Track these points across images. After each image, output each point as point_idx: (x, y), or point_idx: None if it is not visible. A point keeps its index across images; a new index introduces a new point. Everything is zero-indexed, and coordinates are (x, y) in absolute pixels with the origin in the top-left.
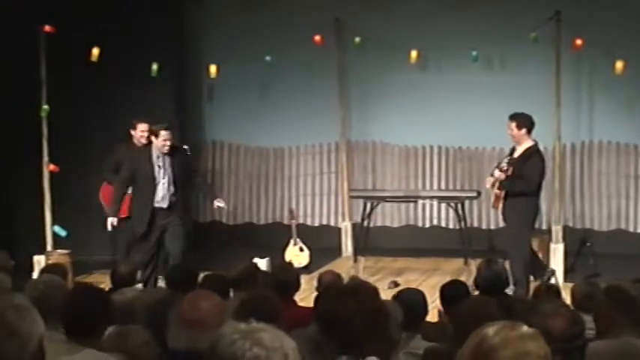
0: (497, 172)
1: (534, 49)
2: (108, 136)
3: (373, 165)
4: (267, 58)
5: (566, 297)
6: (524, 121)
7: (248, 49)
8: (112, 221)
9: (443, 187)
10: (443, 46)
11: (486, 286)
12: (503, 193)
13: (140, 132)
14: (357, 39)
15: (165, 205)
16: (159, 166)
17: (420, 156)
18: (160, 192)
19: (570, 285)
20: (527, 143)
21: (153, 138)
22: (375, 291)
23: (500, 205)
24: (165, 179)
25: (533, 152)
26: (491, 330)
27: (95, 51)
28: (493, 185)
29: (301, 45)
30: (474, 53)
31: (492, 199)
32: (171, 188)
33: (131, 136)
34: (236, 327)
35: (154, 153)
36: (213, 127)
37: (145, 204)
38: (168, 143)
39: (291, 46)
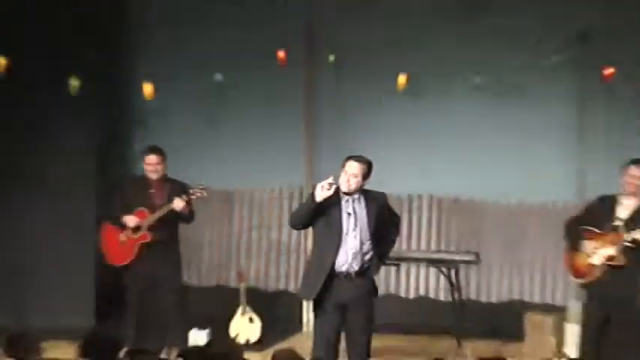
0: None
1: (553, 76)
2: (9, 171)
3: None
4: (218, 76)
5: None
6: None
7: (194, 65)
8: None
9: (433, 247)
10: (439, 70)
11: None
12: (625, 261)
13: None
14: (332, 57)
15: None
16: None
17: (406, 207)
18: None
19: None
20: None
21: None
22: None
23: (601, 276)
24: None
25: None
26: None
27: (2, 61)
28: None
29: (261, 63)
30: (477, 81)
31: (597, 272)
32: None
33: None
34: None
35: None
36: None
37: None
38: None
39: (247, 64)
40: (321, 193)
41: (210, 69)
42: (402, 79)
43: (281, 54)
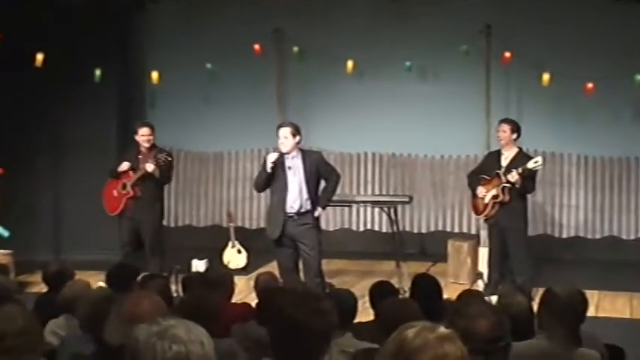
0: (515, 176)
1: (466, 61)
2: (52, 140)
3: None
4: (209, 65)
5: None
6: (517, 126)
7: (190, 56)
8: None
9: (377, 192)
10: (378, 57)
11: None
12: (507, 198)
13: (142, 135)
14: (296, 49)
15: None
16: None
17: (355, 162)
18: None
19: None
20: (516, 147)
21: None
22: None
23: (493, 211)
24: None
25: (526, 154)
26: (410, 332)
27: (39, 56)
28: (495, 191)
29: (241, 54)
30: (408, 64)
31: (489, 209)
32: None
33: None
34: (148, 330)
35: None
36: (155, 132)
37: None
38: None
39: (231, 54)
40: (270, 160)
41: (203, 59)
42: (350, 64)
43: (257, 47)
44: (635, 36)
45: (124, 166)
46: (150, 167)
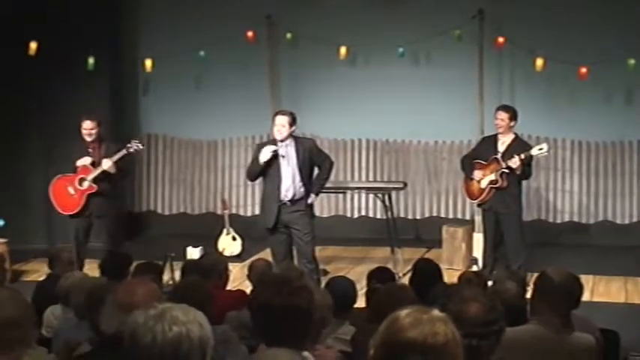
0: (517, 162)
1: (458, 46)
2: (45, 127)
3: None
4: (201, 52)
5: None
6: (514, 113)
7: (183, 43)
8: None
9: (371, 178)
10: (371, 43)
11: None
12: (505, 183)
13: (84, 129)
14: (289, 35)
15: None
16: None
17: (349, 148)
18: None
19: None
20: (512, 134)
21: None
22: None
23: (489, 196)
24: None
25: (523, 140)
26: (403, 312)
27: (33, 45)
28: (492, 176)
29: (234, 40)
30: (401, 50)
31: (485, 194)
32: None
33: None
34: (146, 314)
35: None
36: (148, 120)
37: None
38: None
39: (224, 41)
40: (265, 157)
41: (196, 46)
42: (342, 50)
43: (250, 33)
44: (628, 20)
45: (86, 160)
46: (106, 164)
